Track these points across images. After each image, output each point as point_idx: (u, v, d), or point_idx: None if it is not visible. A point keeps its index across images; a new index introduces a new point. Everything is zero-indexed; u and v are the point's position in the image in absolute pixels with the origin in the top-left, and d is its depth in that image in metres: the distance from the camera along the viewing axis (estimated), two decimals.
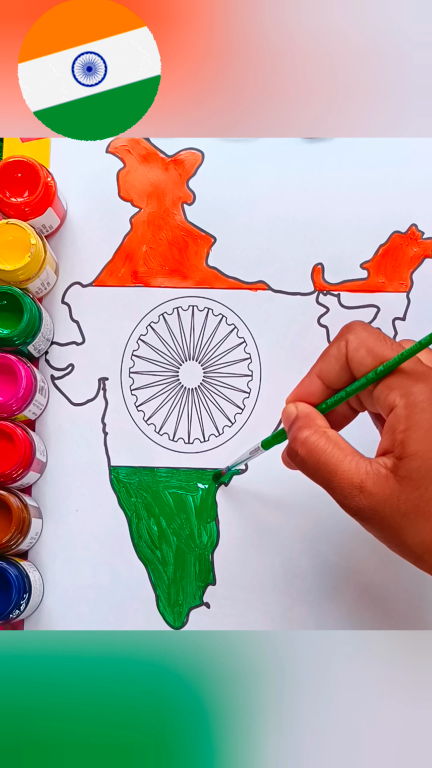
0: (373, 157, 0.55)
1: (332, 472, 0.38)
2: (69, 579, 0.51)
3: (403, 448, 0.37)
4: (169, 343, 0.54)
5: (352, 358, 0.39)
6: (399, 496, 0.37)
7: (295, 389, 0.42)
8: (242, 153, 0.55)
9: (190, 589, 0.51)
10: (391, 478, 0.37)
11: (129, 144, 0.56)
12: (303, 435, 0.40)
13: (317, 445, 0.39)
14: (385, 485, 0.37)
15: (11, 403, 0.49)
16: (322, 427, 0.40)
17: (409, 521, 0.37)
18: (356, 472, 0.38)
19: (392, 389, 0.38)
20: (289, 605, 0.51)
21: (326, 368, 0.40)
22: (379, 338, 0.39)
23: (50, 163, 0.55)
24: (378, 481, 0.37)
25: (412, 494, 0.37)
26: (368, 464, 0.38)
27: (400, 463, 0.37)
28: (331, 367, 0.40)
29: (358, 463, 0.38)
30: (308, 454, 0.39)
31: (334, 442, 0.39)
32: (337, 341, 0.40)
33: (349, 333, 0.40)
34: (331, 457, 0.39)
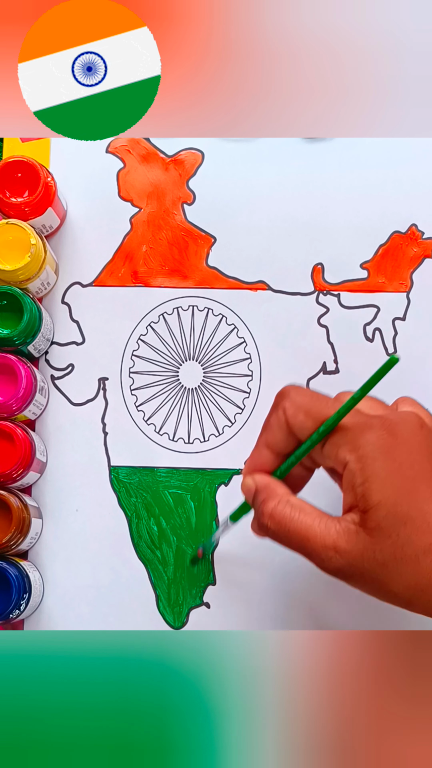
0: (373, 157, 0.55)
1: (304, 538, 0.39)
2: (69, 579, 0.51)
3: (366, 501, 0.38)
4: (169, 343, 0.54)
5: (293, 424, 0.40)
6: (374, 548, 0.38)
7: (248, 462, 0.43)
8: (242, 153, 0.55)
9: (190, 589, 0.51)
10: (362, 533, 0.38)
11: (129, 144, 0.56)
12: (269, 508, 0.41)
13: (284, 515, 0.40)
14: (357, 541, 0.38)
15: (11, 403, 0.49)
16: (285, 495, 0.41)
17: (390, 569, 0.38)
18: (327, 534, 0.39)
19: (340, 446, 0.39)
20: (289, 605, 0.51)
21: (271, 438, 0.41)
22: (314, 399, 0.40)
23: (50, 163, 0.55)
24: (350, 538, 0.38)
25: (385, 543, 0.38)
26: (337, 523, 0.39)
27: (366, 515, 0.38)
28: (276, 437, 0.41)
29: (327, 524, 0.39)
30: (277, 526, 0.40)
31: (299, 509, 0.40)
32: (275, 410, 0.41)
33: (284, 400, 0.41)
34: (300, 525, 0.40)
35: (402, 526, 0.37)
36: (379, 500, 0.38)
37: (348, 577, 0.39)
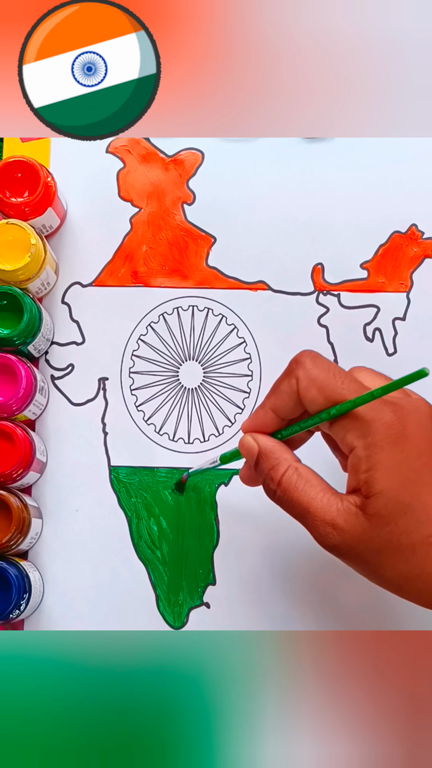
0: (373, 157, 0.55)
1: (305, 510, 0.39)
2: (69, 579, 0.51)
3: (369, 488, 0.38)
4: (169, 343, 0.54)
5: (303, 396, 0.40)
6: (371, 533, 0.38)
7: (249, 419, 0.42)
8: (242, 153, 0.55)
9: (190, 589, 0.51)
10: (361, 516, 0.38)
11: (129, 144, 0.56)
12: (278, 474, 0.41)
13: (290, 482, 0.40)
14: (356, 523, 0.38)
15: (11, 403, 0.49)
16: (293, 462, 0.41)
17: (385, 556, 0.38)
18: (328, 510, 0.39)
19: (348, 430, 0.39)
20: (289, 605, 0.51)
21: (279, 403, 0.41)
22: (329, 374, 0.39)
23: (50, 163, 0.55)
24: (349, 518, 0.38)
25: (383, 530, 0.38)
26: (339, 501, 0.39)
27: (368, 501, 0.38)
28: (284, 402, 0.41)
29: (330, 500, 0.39)
30: (283, 493, 0.40)
31: (305, 479, 0.40)
32: (287, 376, 0.40)
33: (299, 369, 0.40)
34: (303, 495, 0.40)
35: (401, 515, 0.38)
36: (382, 489, 0.38)
37: (342, 554, 0.39)
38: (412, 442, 0.38)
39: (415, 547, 0.38)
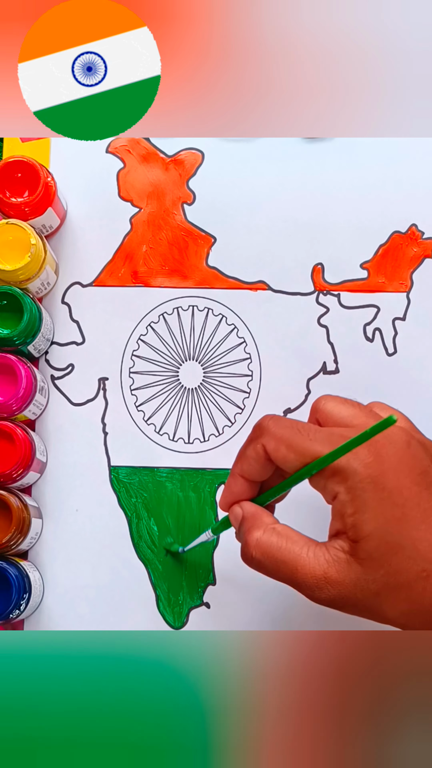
0: (373, 157, 0.55)
1: (293, 569, 0.39)
2: (69, 579, 0.51)
3: (357, 531, 0.37)
4: (169, 343, 0.54)
5: (275, 458, 0.39)
6: (366, 578, 0.37)
7: (224, 492, 0.42)
8: (242, 153, 0.55)
9: (190, 589, 0.51)
10: (353, 562, 0.37)
11: (129, 144, 0.56)
12: (254, 537, 0.40)
13: (270, 543, 0.39)
14: (349, 571, 0.38)
15: (11, 403, 0.49)
16: (270, 523, 0.40)
17: (383, 598, 0.38)
18: (317, 564, 0.38)
19: (327, 478, 0.38)
20: (289, 605, 0.51)
21: (247, 468, 0.41)
22: (294, 431, 0.39)
23: (50, 163, 0.55)
24: (340, 567, 0.38)
25: (377, 573, 0.37)
26: (326, 552, 0.38)
27: (358, 545, 0.37)
28: (253, 468, 0.40)
29: (316, 552, 0.38)
30: (264, 555, 0.39)
31: (285, 537, 0.39)
32: (252, 443, 0.40)
33: (264, 434, 0.40)
34: (288, 554, 0.39)
35: (393, 555, 0.37)
36: (370, 531, 0.37)
37: (340, 607, 0.38)
38: (392, 478, 0.38)
39: (411, 583, 0.37)
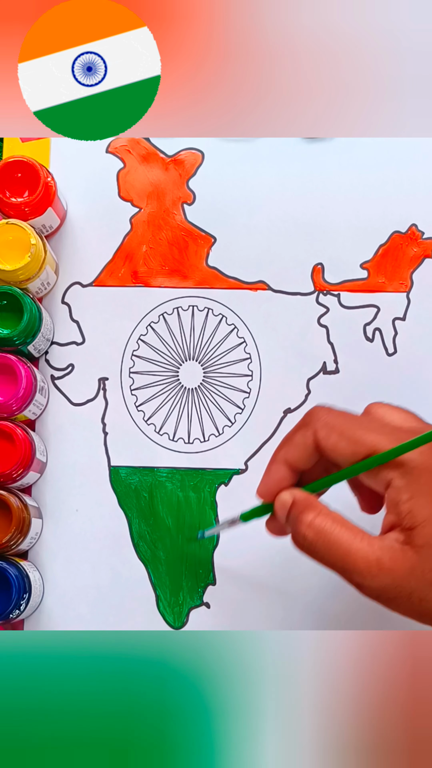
0: (373, 157, 0.55)
1: (346, 552, 0.38)
2: (69, 579, 0.51)
3: (413, 517, 0.37)
4: (169, 343, 0.54)
5: (325, 446, 0.39)
6: (423, 566, 0.36)
7: (264, 478, 0.42)
8: (242, 153, 0.55)
9: (190, 589, 0.51)
10: (408, 551, 0.37)
11: (129, 144, 0.56)
12: (308, 517, 0.39)
13: (324, 526, 0.38)
14: (403, 559, 0.37)
15: (11, 403, 0.49)
16: (324, 508, 0.39)
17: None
18: (371, 550, 0.37)
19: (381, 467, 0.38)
20: (289, 605, 0.51)
21: (294, 455, 0.40)
22: (347, 420, 0.39)
23: (50, 163, 0.55)
24: (394, 555, 0.37)
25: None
26: (380, 541, 0.37)
27: (413, 533, 0.37)
28: (299, 454, 0.40)
29: (371, 540, 0.38)
30: (317, 536, 0.38)
31: (340, 521, 0.39)
32: (301, 430, 0.40)
33: (315, 422, 0.39)
34: (341, 537, 0.38)
35: None
36: (428, 515, 0.37)
37: (391, 598, 0.37)
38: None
39: None
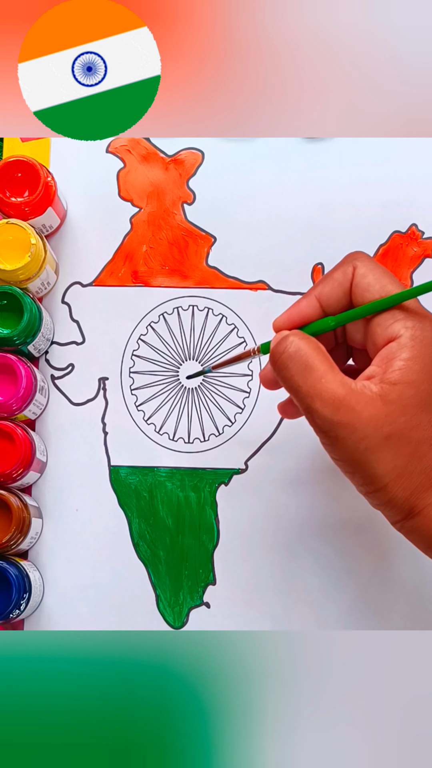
0: (373, 157, 0.55)
1: (317, 378, 0.38)
2: (69, 579, 0.51)
3: (402, 374, 0.38)
4: (169, 343, 0.54)
5: (358, 284, 0.40)
6: (385, 419, 0.37)
7: (289, 309, 0.42)
8: (242, 153, 0.55)
9: (190, 589, 0.51)
10: (378, 401, 0.37)
11: (129, 144, 0.56)
12: (295, 338, 0.40)
13: (308, 348, 0.39)
14: (370, 405, 0.37)
15: (11, 403, 0.49)
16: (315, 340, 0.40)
17: (389, 444, 0.37)
18: (342, 386, 0.38)
19: (397, 320, 0.39)
20: (289, 605, 0.51)
21: (328, 292, 0.41)
22: (385, 271, 0.40)
23: (50, 163, 0.55)
24: (362, 399, 0.37)
25: (398, 419, 0.37)
26: (354, 383, 0.38)
27: (393, 388, 0.38)
28: (334, 291, 0.40)
29: (344, 379, 0.38)
30: (297, 353, 0.39)
31: (324, 354, 0.39)
32: (342, 266, 0.40)
33: (357, 260, 0.40)
34: (319, 364, 0.38)
35: (421, 410, 0.37)
36: (416, 380, 0.38)
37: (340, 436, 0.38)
38: None
39: (420, 443, 0.37)
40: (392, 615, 0.51)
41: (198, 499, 0.52)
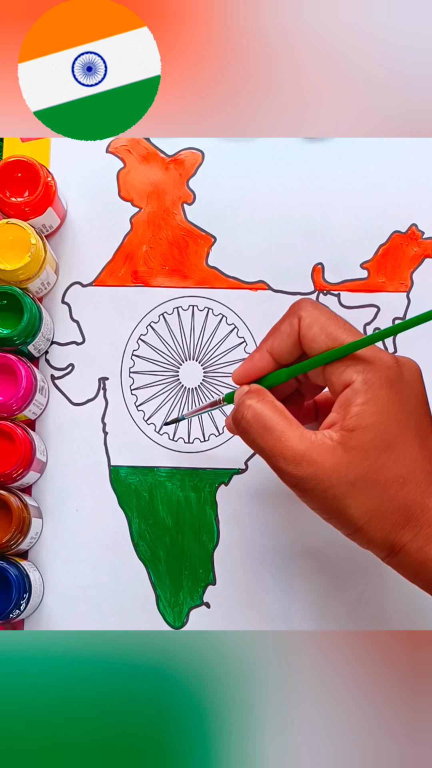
0: (373, 157, 0.55)
1: (277, 438, 0.39)
2: (69, 579, 0.51)
3: (359, 420, 0.39)
4: (169, 343, 0.54)
5: (305, 335, 0.41)
6: (348, 466, 0.38)
7: (243, 365, 0.43)
8: (242, 153, 0.55)
9: (190, 589, 0.51)
10: (339, 449, 0.39)
11: (129, 144, 0.56)
12: (252, 400, 0.41)
13: (264, 411, 0.40)
14: (331, 455, 0.38)
15: (11, 403, 0.49)
16: (271, 398, 0.41)
17: (356, 489, 0.38)
18: (301, 441, 0.39)
19: (348, 366, 0.40)
20: (289, 605, 0.51)
21: (279, 345, 0.42)
22: (331, 317, 0.41)
23: (50, 163, 0.55)
24: (323, 451, 0.39)
25: (361, 464, 0.38)
26: (313, 435, 0.39)
27: (352, 434, 0.39)
28: (284, 343, 0.41)
29: (303, 433, 0.39)
30: (254, 418, 0.40)
31: (281, 412, 0.40)
32: (288, 318, 0.41)
33: (301, 310, 0.41)
34: (276, 424, 0.40)
35: (383, 452, 0.38)
36: (372, 423, 0.39)
37: (308, 489, 0.39)
38: (405, 389, 0.40)
39: (387, 484, 0.38)
40: (392, 615, 0.51)
41: (198, 499, 0.52)
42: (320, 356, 0.40)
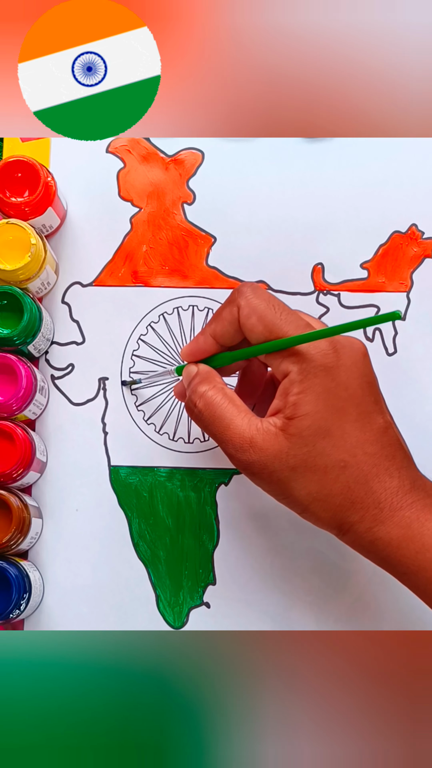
0: (373, 157, 0.55)
1: (226, 426, 0.42)
2: (69, 579, 0.51)
3: (296, 409, 0.40)
4: (169, 343, 0.54)
5: (244, 324, 0.42)
6: (288, 452, 0.40)
7: (189, 345, 0.45)
8: (242, 153, 0.55)
9: (190, 589, 0.51)
10: (281, 436, 0.40)
11: (129, 144, 0.56)
12: (202, 389, 0.43)
13: (214, 399, 0.42)
14: (274, 442, 0.40)
15: (11, 403, 0.49)
16: (221, 384, 0.43)
17: (298, 474, 0.40)
18: (248, 429, 0.41)
19: (285, 357, 0.41)
20: (289, 605, 0.51)
21: (220, 330, 0.43)
22: (269, 305, 0.42)
23: (50, 163, 0.55)
24: (267, 437, 0.41)
25: (300, 450, 0.40)
26: (259, 422, 0.41)
27: (291, 422, 0.40)
28: (225, 329, 0.43)
29: (250, 420, 0.41)
30: (205, 407, 0.42)
31: (230, 399, 0.42)
32: (229, 305, 0.43)
33: (240, 298, 0.42)
34: (225, 412, 0.42)
35: (320, 438, 0.40)
36: (308, 411, 0.40)
37: (255, 473, 0.41)
38: (343, 374, 0.41)
39: (327, 468, 0.40)
40: (392, 615, 0.51)
41: (198, 499, 0.52)
42: (258, 347, 0.42)
